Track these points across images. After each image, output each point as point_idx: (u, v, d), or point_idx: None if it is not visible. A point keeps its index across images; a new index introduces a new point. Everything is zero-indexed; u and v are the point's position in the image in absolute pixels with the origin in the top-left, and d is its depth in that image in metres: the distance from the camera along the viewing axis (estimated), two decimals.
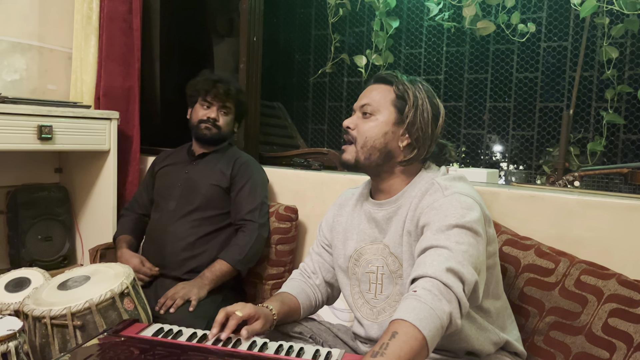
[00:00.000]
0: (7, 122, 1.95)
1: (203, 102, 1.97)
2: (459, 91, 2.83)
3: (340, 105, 3.21)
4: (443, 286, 0.99)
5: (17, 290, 1.62)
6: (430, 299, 0.96)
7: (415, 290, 0.99)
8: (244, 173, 1.95)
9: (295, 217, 2.03)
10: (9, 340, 1.21)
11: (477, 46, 2.74)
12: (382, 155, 1.25)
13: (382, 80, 1.29)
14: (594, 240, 1.47)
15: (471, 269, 1.04)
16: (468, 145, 2.88)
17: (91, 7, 2.45)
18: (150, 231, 2.00)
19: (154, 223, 1.98)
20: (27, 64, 2.42)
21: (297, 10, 3.34)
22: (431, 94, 1.27)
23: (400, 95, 1.24)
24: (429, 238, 1.10)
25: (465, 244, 1.07)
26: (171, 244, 1.87)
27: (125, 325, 1.19)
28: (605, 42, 2.29)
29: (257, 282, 2.01)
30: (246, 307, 1.17)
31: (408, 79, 1.27)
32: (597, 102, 2.46)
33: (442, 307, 0.97)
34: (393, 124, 1.24)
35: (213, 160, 1.99)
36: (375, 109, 1.25)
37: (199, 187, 1.93)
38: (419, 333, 0.92)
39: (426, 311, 0.95)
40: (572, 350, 1.33)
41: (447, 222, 1.09)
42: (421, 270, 1.03)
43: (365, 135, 1.25)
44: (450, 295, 0.99)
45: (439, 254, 1.05)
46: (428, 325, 0.93)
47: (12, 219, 2.33)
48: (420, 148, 1.24)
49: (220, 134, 1.97)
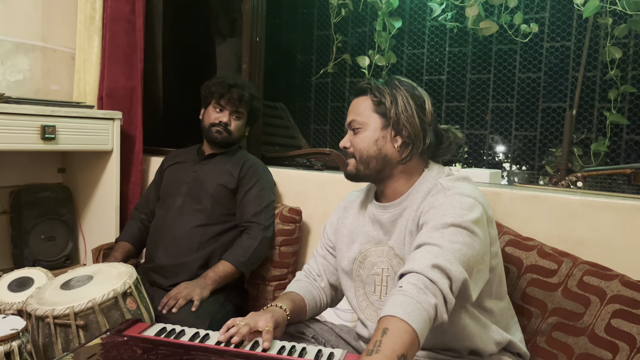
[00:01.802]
0: (11, 122, 1.96)
1: (216, 105, 1.97)
2: (461, 91, 2.82)
3: (342, 105, 3.21)
4: (428, 281, 1.00)
5: (20, 290, 1.62)
6: (415, 293, 0.98)
7: (401, 286, 1.00)
8: (252, 176, 1.95)
9: (299, 218, 2.03)
10: (12, 340, 1.22)
11: (480, 46, 2.73)
12: (379, 161, 1.26)
13: (359, 92, 1.31)
14: (596, 241, 1.47)
15: (460, 267, 1.04)
16: (470, 146, 2.88)
17: (94, 7, 2.45)
18: (155, 227, 1.99)
19: (160, 219, 1.98)
20: (31, 64, 2.43)
21: (299, 11, 3.34)
22: (410, 86, 1.28)
23: (377, 100, 1.26)
24: (423, 235, 1.11)
25: (459, 243, 1.07)
26: (175, 245, 1.88)
27: (128, 324, 1.20)
28: (608, 42, 2.28)
29: (260, 283, 2.02)
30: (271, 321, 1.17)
31: (383, 81, 1.29)
32: (600, 102, 2.45)
33: (428, 299, 0.98)
34: (381, 129, 1.26)
35: (222, 161, 2.00)
36: (362, 122, 1.28)
37: (206, 186, 1.93)
38: (409, 326, 0.93)
39: (413, 305, 0.96)
40: (575, 351, 1.33)
41: (443, 221, 1.10)
42: (408, 266, 1.04)
43: (360, 148, 1.28)
44: (435, 290, 1.00)
45: (429, 250, 1.06)
46: (416, 318, 0.94)
47: (16, 218, 2.34)
48: (415, 142, 1.25)
49: (231, 137, 1.98)
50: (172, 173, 2.06)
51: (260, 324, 1.16)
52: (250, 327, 1.14)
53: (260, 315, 1.19)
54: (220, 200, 1.93)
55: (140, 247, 2.05)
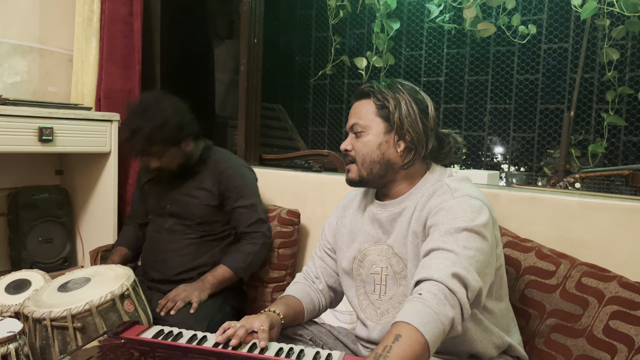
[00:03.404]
0: (8, 124, 1.95)
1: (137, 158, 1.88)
2: (459, 93, 2.83)
3: (340, 107, 3.21)
4: (448, 291, 0.99)
5: (17, 292, 1.61)
6: (435, 303, 0.97)
7: (421, 293, 0.99)
8: (233, 187, 1.85)
9: (297, 221, 2.03)
10: (9, 342, 1.21)
11: (478, 48, 2.74)
12: (382, 166, 1.26)
13: (362, 96, 1.30)
14: (595, 242, 1.47)
15: (476, 275, 1.04)
16: (469, 147, 2.88)
17: (92, 9, 2.45)
18: (148, 244, 1.96)
19: (153, 236, 1.94)
20: (28, 66, 2.43)
21: (297, 12, 3.34)
22: (413, 90, 1.27)
23: (380, 104, 1.25)
24: (436, 239, 1.10)
25: (472, 249, 1.07)
26: (171, 259, 1.85)
27: (125, 327, 1.19)
28: (606, 43, 2.29)
29: (259, 285, 2.01)
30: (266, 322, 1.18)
31: (386, 84, 1.27)
32: (598, 103, 2.46)
33: (446, 312, 0.97)
34: (384, 133, 1.25)
35: (196, 177, 1.88)
36: (364, 126, 1.27)
37: (189, 207, 1.86)
38: (422, 337, 0.92)
39: (430, 315, 0.95)
40: (573, 353, 1.33)
41: (456, 225, 1.09)
42: (427, 273, 1.03)
43: (362, 153, 1.27)
44: (454, 301, 0.99)
45: (446, 257, 1.05)
46: (431, 330, 0.94)
47: (13, 221, 2.33)
48: (418, 146, 1.24)
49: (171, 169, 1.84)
50: (152, 193, 1.96)
51: (255, 324, 1.16)
52: (246, 328, 1.15)
53: (254, 317, 1.20)
54: (208, 218, 1.87)
55: (137, 251, 2.04)
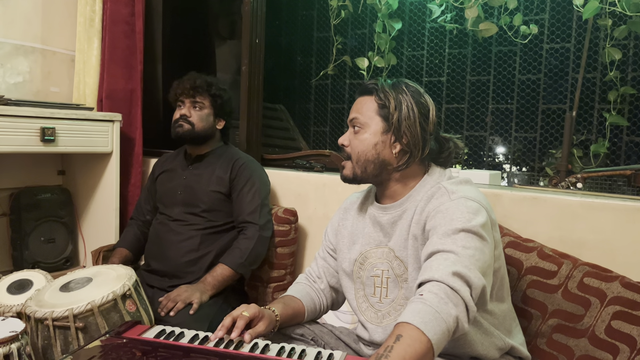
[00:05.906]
0: (10, 124, 1.96)
1: (177, 102, 1.96)
2: (461, 93, 2.82)
3: (342, 107, 3.21)
4: (450, 289, 0.99)
5: (19, 292, 1.62)
6: (436, 302, 0.97)
7: (422, 294, 0.99)
8: (244, 175, 1.91)
9: (294, 219, 2.02)
10: (11, 342, 1.21)
11: (480, 48, 2.73)
12: (376, 166, 1.26)
13: (365, 91, 1.29)
14: (597, 243, 1.46)
15: (478, 273, 1.04)
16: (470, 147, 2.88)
17: (94, 9, 2.45)
18: (153, 236, 1.98)
19: (158, 228, 1.96)
20: (30, 66, 2.43)
21: (299, 13, 3.34)
22: (417, 93, 1.26)
23: (382, 103, 1.25)
24: (435, 242, 1.10)
25: (471, 249, 1.07)
26: (175, 250, 1.87)
27: (127, 327, 1.19)
28: (608, 43, 2.28)
29: (259, 285, 2.01)
30: (250, 307, 1.18)
31: (391, 83, 1.26)
32: (600, 103, 2.45)
33: (449, 310, 0.96)
34: (381, 133, 1.25)
35: (210, 164, 1.96)
36: (363, 122, 1.26)
37: (200, 195, 1.90)
38: (424, 336, 0.92)
39: (431, 314, 0.95)
40: (575, 353, 1.33)
41: (453, 226, 1.09)
42: (428, 275, 1.03)
43: (357, 151, 1.27)
44: (457, 299, 0.99)
45: (446, 258, 1.05)
46: (433, 328, 0.93)
47: (15, 221, 2.34)
48: (413, 150, 1.24)
49: (195, 130, 1.92)
50: (164, 182, 2.02)
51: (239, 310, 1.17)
52: (233, 316, 1.15)
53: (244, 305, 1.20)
54: (217, 207, 1.90)
55: (138, 253, 2.05)
